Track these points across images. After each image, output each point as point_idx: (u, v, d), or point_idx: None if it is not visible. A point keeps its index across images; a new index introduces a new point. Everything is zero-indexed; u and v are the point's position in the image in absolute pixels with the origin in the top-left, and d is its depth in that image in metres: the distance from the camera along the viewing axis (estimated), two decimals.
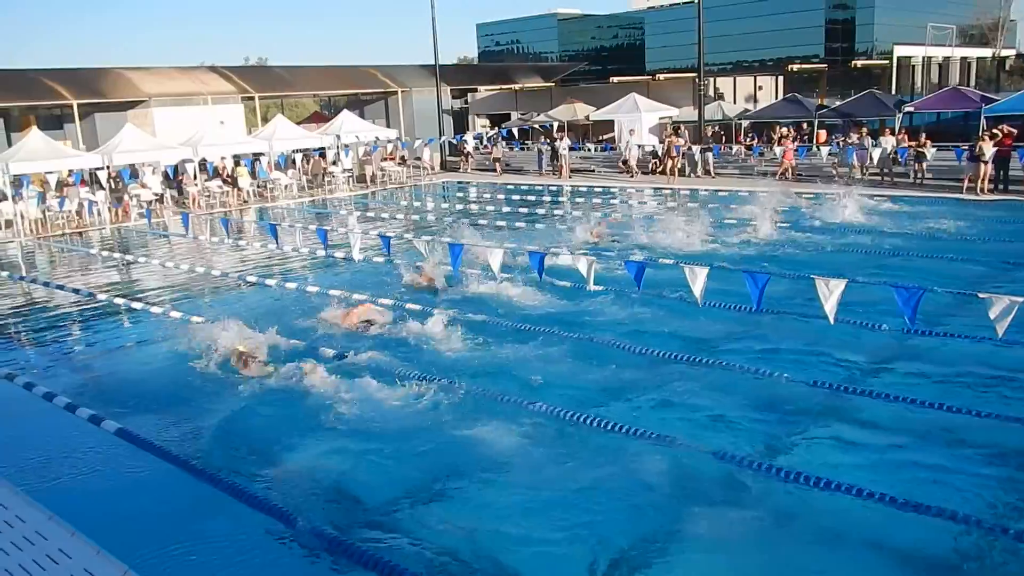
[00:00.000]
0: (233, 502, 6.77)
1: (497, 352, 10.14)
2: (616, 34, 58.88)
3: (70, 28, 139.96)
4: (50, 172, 24.62)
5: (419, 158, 33.82)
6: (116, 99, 32.52)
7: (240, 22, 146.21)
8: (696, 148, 29.42)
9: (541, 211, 22.93)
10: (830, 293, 8.28)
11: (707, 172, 28.88)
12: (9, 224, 23.05)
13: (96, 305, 14.20)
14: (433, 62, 36.23)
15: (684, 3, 48.01)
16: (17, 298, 15.63)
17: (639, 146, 31.79)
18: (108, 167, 25.67)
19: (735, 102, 41.41)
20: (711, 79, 41.78)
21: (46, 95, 31.08)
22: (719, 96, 41.50)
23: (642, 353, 9.84)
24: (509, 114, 45.71)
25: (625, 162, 31.15)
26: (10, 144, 28.47)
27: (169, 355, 10.83)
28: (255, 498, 6.75)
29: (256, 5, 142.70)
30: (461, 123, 46.77)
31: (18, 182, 23.93)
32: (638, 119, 34.62)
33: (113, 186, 26.20)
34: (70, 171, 25.20)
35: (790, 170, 26.72)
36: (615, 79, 41.98)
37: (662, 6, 53.12)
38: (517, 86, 46.68)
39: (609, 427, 7.77)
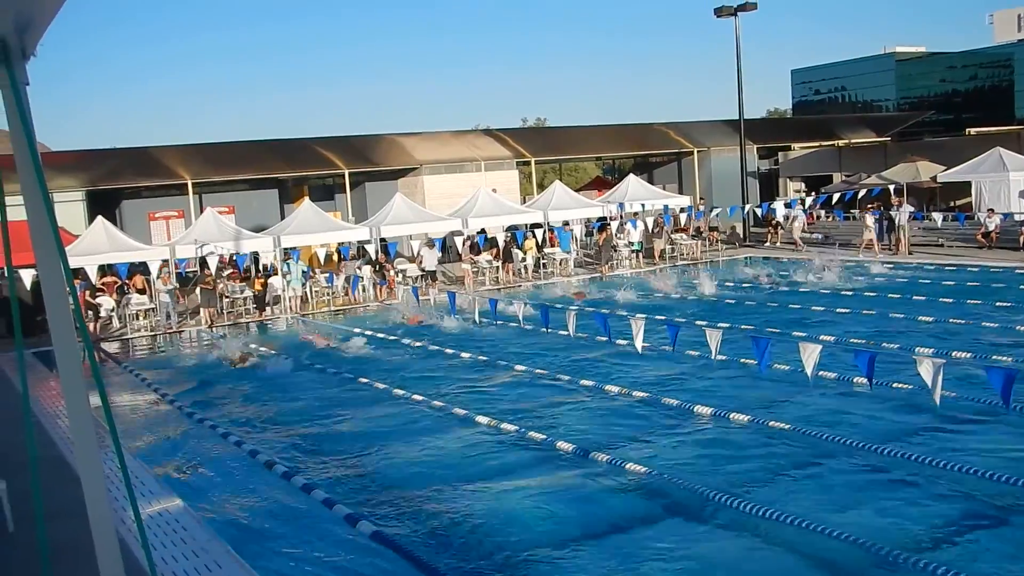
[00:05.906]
0: None
1: None
2: (974, 75, 55.57)
3: (344, 96, 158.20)
4: (320, 246, 27.62)
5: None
6: (387, 167, 36.05)
7: (518, 81, 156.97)
8: None
9: (871, 295, 21.86)
10: None
11: None
12: (277, 300, 26.04)
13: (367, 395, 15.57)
14: (737, 116, 36.31)
15: None
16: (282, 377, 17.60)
17: (1007, 215, 29.44)
18: (377, 239, 28.27)
19: None
20: None
21: (319, 164, 35.22)
22: None
23: None
24: (831, 176, 44.40)
25: (986, 235, 28.93)
26: (283, 215, 32.38)
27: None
28: None
29: (537, 63, 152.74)
30: (769, 187, 46.13)
31: (287, 256, 27.05)
32: (1004, 180, 32.17)
33: (380, 260, 28.78)
34: (339, 244, 28.11)
35: None
36: (972, 130, 39.52)
37: None
38: (841, 142, 45.35)
39: None
